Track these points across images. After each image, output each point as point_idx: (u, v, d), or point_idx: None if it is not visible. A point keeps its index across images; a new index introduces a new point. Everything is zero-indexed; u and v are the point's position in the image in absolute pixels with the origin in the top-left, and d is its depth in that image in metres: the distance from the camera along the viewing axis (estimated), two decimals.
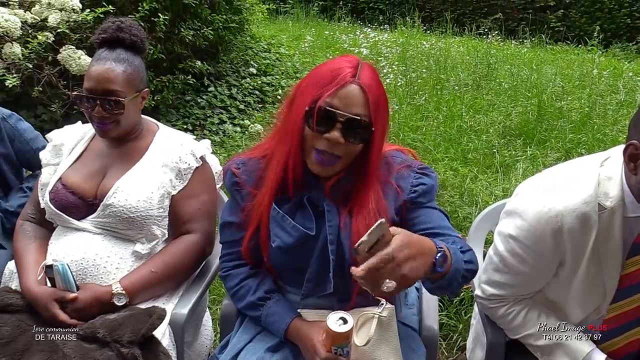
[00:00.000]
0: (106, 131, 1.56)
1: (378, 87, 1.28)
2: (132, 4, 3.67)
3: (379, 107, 1.27)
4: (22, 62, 3.01)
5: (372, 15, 10.42)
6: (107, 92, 1.51)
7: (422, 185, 1.37)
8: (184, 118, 4.32)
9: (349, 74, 1.25)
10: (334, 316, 1.26)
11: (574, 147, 4.05)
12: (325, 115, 1.24)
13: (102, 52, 1.56)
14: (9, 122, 1.84)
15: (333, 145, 1.25)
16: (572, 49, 7.95)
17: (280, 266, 1.42)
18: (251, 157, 1.45)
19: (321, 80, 1.27)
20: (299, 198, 1.36)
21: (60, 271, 1.44)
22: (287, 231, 1.33)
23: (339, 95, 1.24)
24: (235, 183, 1.43)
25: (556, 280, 1.38)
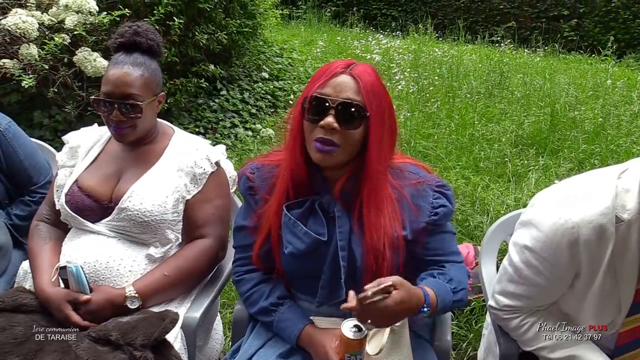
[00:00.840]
0: (123, 135, 1.57)
1: (372, 78, 1.30)
2: (148, 7, 3.69)
3: (373, 94, 1.28)
4: (38, 63, 3.04)
5: (385, 22, 10.43)
6: (125, 96, 1.52)
7: (442, 207, 1.37)
8: (196, 121, 4.34)
9: (340, 66, 1.30)
10: (348, 323, 1.26)
11: (587, 157, 4.02)
12: (316, 103, 1.27)
13: (119, 56, 1.57)
14: (5, 137, 1.77)
15: (328, 131, 1.26)
16: (585, 59, 7.91)
17: (293, 273, 1.42)
18: (265, 164, 1.46)
19: (315, 77, 1.32)
20: (309, 203, 1.36)
21: (74, 273, 1.45)
22: (299, 237, 1.33)
23: (330, 84, 1.28)
24: (250, 187, 1.44)
25: (571, 292, 1.37)
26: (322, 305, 1.39)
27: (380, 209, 1.32)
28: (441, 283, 1.34)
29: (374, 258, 1.30)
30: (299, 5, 10.44)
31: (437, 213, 1.37)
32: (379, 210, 1.32)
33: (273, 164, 1.44)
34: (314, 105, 1.28)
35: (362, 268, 1.32)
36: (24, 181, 1.85)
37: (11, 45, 3.06)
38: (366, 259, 1.31)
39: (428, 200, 1.37)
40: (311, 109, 1.28)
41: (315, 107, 1.28)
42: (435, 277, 1.36)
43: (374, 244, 1.30)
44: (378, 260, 1.30)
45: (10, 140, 1.79)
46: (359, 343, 1.25)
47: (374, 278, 1.28)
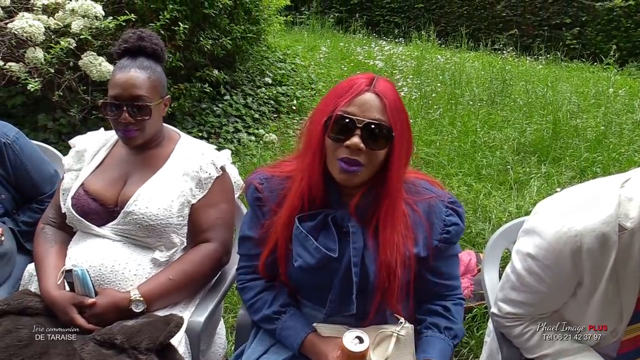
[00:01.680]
0: (131, 139, 1.58)
1: (395, 96, 1.29)
2: (153, 12, 3.71)
3: (397, 113, 1.27)
4: (43, 67, 3.05)
5: (388, 28, 10.47)
6: (134, 98, 1.54)
7: (454, 226, 1.37)
8: (200, 126, 4.36)
9: (363, 83, 1.27)
10: (350, 335, 1.25)
11: (589, 165, 4.03)
12: (343, 123, 1.24)
13: (125, 61, 1.59)
14: (13, 149, 1.78)
15: (354, 152, 1.24)
16: (587, 67, 7.93)
17: (301, 284, 1.41)
18: (275, 175, 1.43)
19: (338, 92, 1.28)
20: (322, 217, 1.34)
21: (80, 276, 1.46)
22: (310, 252, 1.31)
23: (355, 102, 1.25)
24: (258, 199, 1.42)
25: (574, 300, 1.38)
26: (329, 317, 1.38)
27: (395, 225, 1.31)
28: (446, 345, 1.37)
29: (386, 275, 1.30)
30: (302, 11, 10.49)
31: (449, 231, 1.36)
32: (394, 227, 1.31)
33: (283, 175, 1.42)
34: (339, 124, 1.25)
35: (374, 284, 1.31)
36: (31, 191, 1.86)
37: (17, 48, 3.08)
38: (379, 276, 1.30)
39: (441, 217, 1.36)
40: (336, 128, 1.25)
41: (340, 126, 1.25)
42: (442, 333, 1.39)
43: (387, 261, 1.29)
44: (390, 277, 1.30)
45: (18, 153, 1.79)
46: (360, 355, 1.24)
47: (385, 294, 1.31)
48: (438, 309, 1.42)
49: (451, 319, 1.41)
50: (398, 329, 1.33)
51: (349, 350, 1.23)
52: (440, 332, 1.38)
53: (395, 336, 1.32)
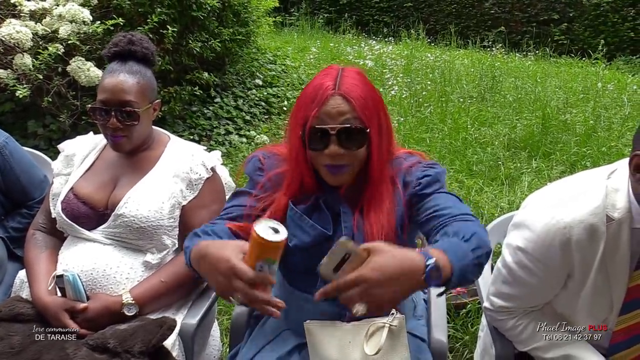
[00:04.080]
0: (119, 144, 1.58)
1: (362, 89, 1.30)
2: (141, 16, 3.71)
3: (367, 108, 1.28)
4: (32, 73, 3.04)
5: (377, 28, 10.49)
6: (122, 103, 1.53)
7: (426, 176, 1.36)
8: (191, 129, 4.35)
9: (328, 87, 1.27)
10: (264, 223, 1.05)
11: (578, 160, 4.05)
12: (316, 134, 1.27)
13: (114, 65, 1.58)
14: (2, 154, 1.76)
15: (335, 157, 1.28)
16: (576, 62, 7.98)
17: (295, 267, 1.43)
18: (275, 153, 1.46)
19: (307, 100, 1.30)
20: (314, 200, 1.38)
21: (71, 281, 1.46)
22: (305, 230, 1.35)
23: (324, 111, 1.26)
24: (259, 168, 1.44)
25: (565, 292, 1.39)
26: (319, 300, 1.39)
27: (380, 207, 1.34)
28: (452, 241, 1.13)
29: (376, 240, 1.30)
30: (291, 12, 10.50)
31: (421, 182, 1.35)
32: (378, 208, 1.34)
33: (281, 158, 1.44)
34: (314, 136, 1.27)
35: None
36: (21, 197, 1.85)
37: (5, 55, 3.07)
38: None
39: (415, 175, 1.37)
40: (312, 140, 1.28)
41: (315, 138, 1.27)
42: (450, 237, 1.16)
43: (374, 228, 1.32)
44: None
45: (8, 157, 1.77)
46: (276, 246, 1.04)
47: None
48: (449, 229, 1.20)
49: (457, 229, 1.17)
50: (390, 319, 1.34)
51: (263, 239, 1.02)
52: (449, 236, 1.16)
53: (387, 327, 1.33)
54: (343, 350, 1.36)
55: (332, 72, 1.32)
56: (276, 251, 1.05)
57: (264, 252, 1.04)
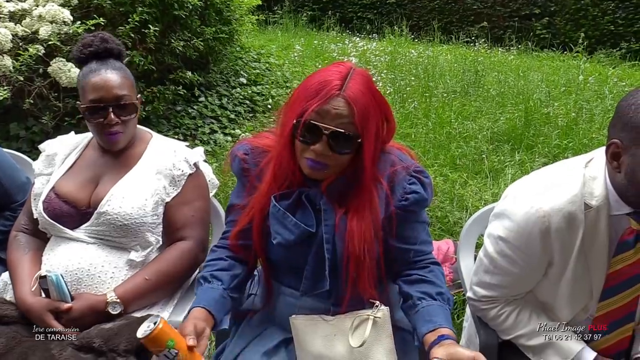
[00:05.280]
0: (117, 142, 1.59)
1: (367, 97, 1.28)
2: (123, 15, 3.68)
3: (367, 118, 1.28)
4: (12, 75, 3.01)
5: (361, 25, 10.50)
6: (118, 98, 1.55)
7: (414, 194, 1.37)
8: (175, 128, 4.33)
9: (335, 87, 1.26)
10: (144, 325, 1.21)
11: (561, 152, 4.10)
12: (310, 129, 1.27)
13: (94, 65, 1.58)
14: None
15: (319, 156, 1.28)
16: (557, 56, 8.06)
17: (280, 263, 1.44)
18: (256, 146, 1.46)
19: (309, 92, 1.28)
20: (297, 195, 1.37)
21: (54, 281, 1.45)
22: (289, 228, 1.35)
23: (324, 108, 1.25)
24: (243, 169, 1.45)
25: (545, 280, 1.41)
26: (304, 295, 1.41)
27: (364, 208, 1.34)
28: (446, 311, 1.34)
29: (354, 259, 1.32)
30: (275, 10, 10.47)
31: (408, 199, 1.37)
32: (361, 210, 1.34)
33: (263, 148, 1.45)
34: (307, 129, 1.27)
35: (344, 260, 1.34)
36: (3, 200, 1.82)
37: None
38: (346, 259, 1.33)
39: (402, 185, 1.38)
40: (303, 132, 1.28)
41: (308, 132, 1.27)
42: (436, 300, 1.34)
43: (354, 248, 1.32)
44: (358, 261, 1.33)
45: None
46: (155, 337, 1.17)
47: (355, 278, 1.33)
48: (416, 277, 1.39)
49: (436, 283, 1.37)
50: (374, 312, 1.35)
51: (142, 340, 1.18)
52: (435, 299, 1.34)
53: (371, 319, 1.34)
54: (328, 343, 1.38)
55: (342, 71, 1.29)
56: (161, 337, 1.18)
57: (155, 343, 1.18)
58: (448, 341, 1.24)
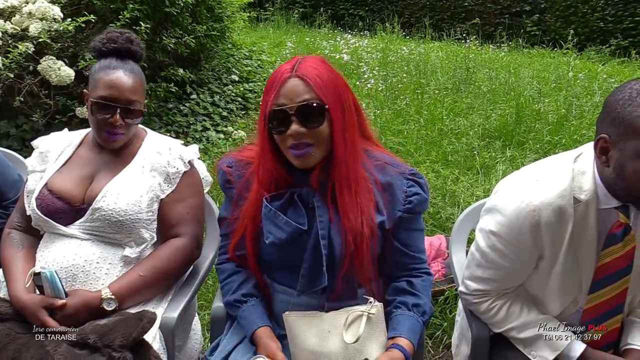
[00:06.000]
0: (115, 142, 1.60)
1: (320, 70, 1.33)
2: (113, 12, 3.66)
3: (325, 86, 1.32)
4: (2, 72, 2.99)
5: (352, 22, 10.52)
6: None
7: (416, 195, 1.41)
8: (167, 126, 4.32)
9: (286, 71, 1.32)
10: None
11: (551, 148, 4.14)
12: (277, 116, 1.31)
13: (114, 62, 1.58)
14: None
15: (297, 136, 1.30)
16: (548, 53, 8.11)
17: (272, 263, 1.45)
18: (240, 159, 1.50)
19: (267, 88, 1.35)
20: (288, 196, 1.39)
21: (49, 278, 1.44)
22: (280, 227, 1.36)
23: (282, 92, 1.31)
24: (227, 181, 1.49)
25: (536, 273, 1.43)
26: (302, 294, 1.42)
27: (355, 189, 1.36)
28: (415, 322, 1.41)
29: (353, 240, 1.34)
30: (266, 7, 10.45)
31: (412, 201, 1.41)
32: (352, 191, 1.36)
33: (246, 160, 1.48)
34: (275, 118, 1.31)
35: (341, 256, 1.36)
36: None
37: None
38: (345, 246, 1.35)
39: (402, 189, 1.41)
40: (274, 122, 1.32)
41: (277, 120, 1.31)
42: (410, 310, 1.42)
43: (351, 225, 1.34)
44: (357, 242, 1.34)
45: None
46: None
47: (352, 264, 1.35)
48: (404, 285, 1.45)
49: (418, 294, 1.44)
50: (368, 307, 1.36)
51: None
52: (409, 310, 1.42)
53: (366, 315, 1.35)
54: (322, 339, 1.38)
55: (292, 60, 1.36)
56: None
57: None
58: (395, 351, 1.34)
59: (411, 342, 1.37)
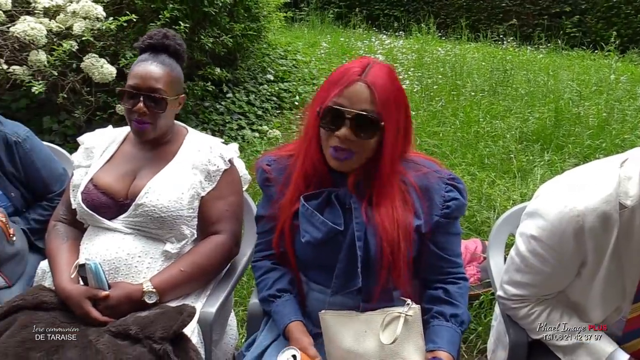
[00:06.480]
0: (144, 132, 1.62)
1: (387, 84, 1.32)
2: (154, 12, 3.74)
3: (388, 102, 1.31)
4: (47, 69, 3.08)
5: (387, 22, 10.46)
6: (151, 89, 1.58)
7: (454, 200, 1.40)
8: (204, 124, 4.39)
9: (356, 72, 1.30)
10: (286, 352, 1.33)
11: (592, 152, 4.04)
12: (333, 114, 1.30)
13: (146, 55, 1.63)
14: (23, 148, 1.83)
15: (344, 141, 1.30)
16: (588, 55, 7.92)
17: (308, 261, 1.46)
18: (280, 156, 1.51)
19: (331, 81, 1.34)
20: (326, 195, 1.40)
21: (93, 270, 1.48)
22: (316, 226, 1.37)
23: (345, 94, 1.29)
24: (266, 179, 1.50)
25: (578, 280, 1.40)
26: (336, 294, 1.43)
27: (392, 201, 1.36)
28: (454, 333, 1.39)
29: (389, 248, 1.34)
30: (301, 7, 10.49)
31: (450, 206, 1.40)
32: (390, 202, 1.36)
33: (286, 156, 1.49)
34: (330, 115, 1.31)
35: (377, 258, 1.35)
36: (41, 190, 1.90)
37: (20, 52, 3.10)
38: (380, 249, 1.35)
39: (440, 194, 1.40)
40: (327, 118, 1.31)
41: (331, 117, 1.31)
42: (448, 321, 1.41)
43: (387, 235, 1.34)
44: (393, 250, 1.34)
45: (29, 151, 1.84)
46: None
47: (390, 270, 1.35)
48: (440, 294, 1.44)
49: (455, 304, 1.43)
50: (405, 309, 1.35)
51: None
52: (447, 320, 1.41)
53: (403, 317, 1.34)
54: (358, 339, 1.38)
55: (363, 61, 1.34)
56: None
57: None
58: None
59: (451, 354, 1.36)
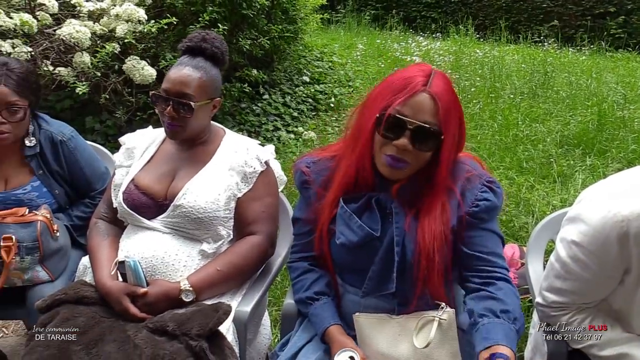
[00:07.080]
0: (175, 132, 1.64)
1: (450, 96, 1.30)
2: (193, 15, 3.80)
3: (449, 116, 1.28)
4: (90, 71, 3.17)
5: (424, 24, 10.38)
6: (180, 95, 1.59)
7: (485, 201, 1.37)
8: (240, 125, 4.44)
9: (420, 82, 1.27)
10: (343, 354, 1.33)
11: (636, 157, 3.91)
12: (394, 123, 1.27)
13: (184, 59, 1.65)
14: (68, 146, 1.89)
15: (401, 151, 1.28)
16: (634, 56, 7.68)
17: (343, 264, 1.46)
18: (321, 158, 1.50)
19: (393, 88, 1.30)
20: (366, 199, 1.39)
21: (132, 267, 1.52)
22: (353, 230, 1.36)
23: (409, 103, 1.26)
24: (305, 181, 1.49)
25: (621, 288, 1.36)
26: (367, 296, 1.42)
27: (434, 211, 1.34)
28: (509, 329, 1.27)
29: (425, 259, 1.32)
30: (338, 9, 10.51)
31: (478, 205, 1.36)
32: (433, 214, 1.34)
33: (328, 157, 1.48)
34: (391, 123, 1.27)
35: (413, 264, 1.34)
36: (85, 187, 1.97)
37: (65, 54, 3.21)
38: (417, 257, 1.33)
39: (474, 193, 1.37)
40: (387, 126, 1.28)
41: (391, 126, 1.28)
42: (499, 317, 1.29)
43: (425, 245, 1.32)
44: (429, 264, 1.32)
45: (73, 150, 1.90)
46: None
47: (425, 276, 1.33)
48: (485, 293, 1.35)
49: (504, 300, 1.32)
50: (440, 313, 1.34)
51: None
52: (498, 317, 1.30)
53: (437, 321, 1.33)
54: (392, 342, 1.38)
55: (425, 70, 1.31)
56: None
57: None
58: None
59: (512, 350, 1.23)
